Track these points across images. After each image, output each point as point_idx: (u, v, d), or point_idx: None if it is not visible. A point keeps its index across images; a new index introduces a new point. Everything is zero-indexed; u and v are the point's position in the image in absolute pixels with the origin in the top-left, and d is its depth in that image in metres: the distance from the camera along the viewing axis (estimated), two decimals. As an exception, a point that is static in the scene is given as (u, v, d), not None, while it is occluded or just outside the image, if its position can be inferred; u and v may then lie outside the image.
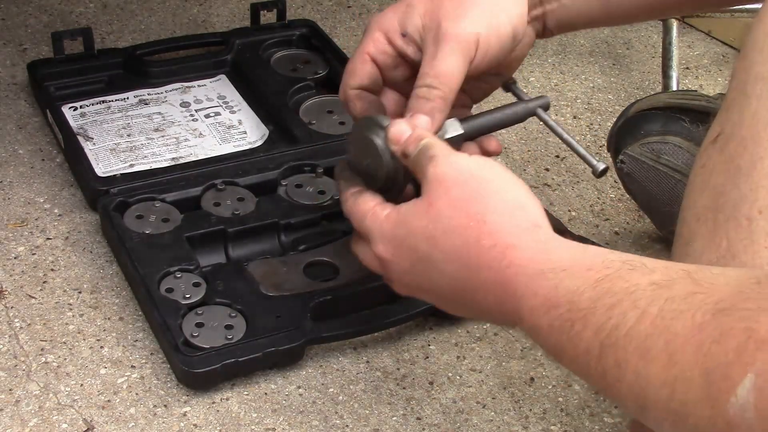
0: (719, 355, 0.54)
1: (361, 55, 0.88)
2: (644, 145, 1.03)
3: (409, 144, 0.78)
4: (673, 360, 0.57)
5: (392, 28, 0.87)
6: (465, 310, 0.76)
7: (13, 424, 0.86)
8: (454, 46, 0.84)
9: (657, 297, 0.59)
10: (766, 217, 0.68)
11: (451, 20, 0.84)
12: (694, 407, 0.56)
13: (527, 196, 0.73)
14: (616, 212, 1.15)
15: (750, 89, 0.71)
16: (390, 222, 0.75)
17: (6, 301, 0.97)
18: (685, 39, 1.48)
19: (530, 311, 0.66)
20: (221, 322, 0.92)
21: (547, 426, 0.89)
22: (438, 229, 0.72)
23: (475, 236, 0.70)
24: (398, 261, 0.75)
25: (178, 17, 1.42)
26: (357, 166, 0.82)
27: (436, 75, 0.83)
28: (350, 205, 0.80)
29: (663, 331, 0.57)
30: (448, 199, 0.72)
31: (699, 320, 0.56)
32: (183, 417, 0.87)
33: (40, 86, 1.19)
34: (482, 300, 0.70)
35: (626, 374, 0.59)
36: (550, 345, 0.65)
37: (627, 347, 0.59)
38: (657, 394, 0.58)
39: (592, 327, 0.61)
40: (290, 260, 1.00)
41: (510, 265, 0.68)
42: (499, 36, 0.85)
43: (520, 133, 1.26)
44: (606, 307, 0.61)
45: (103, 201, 1.03)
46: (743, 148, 0.70)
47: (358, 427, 0.88)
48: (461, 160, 0.74)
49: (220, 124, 1.17)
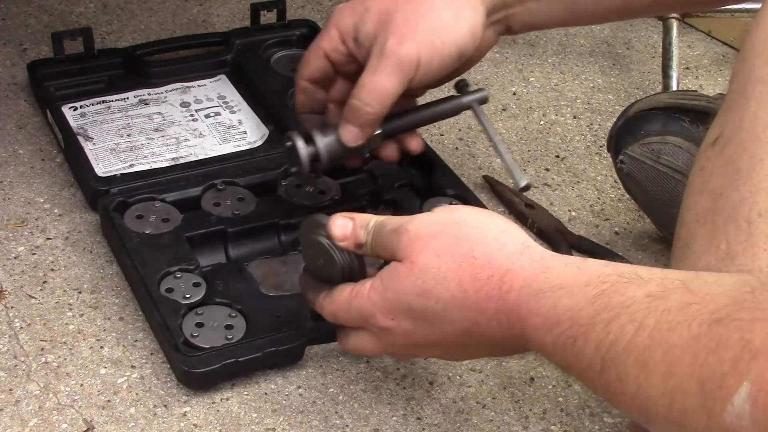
0: (715, 365, 0.55)
1: (316, 50, 0.94)
2: (644, 145, 1.03)
3: (357, 234, 0.78)
4: (671, 371, 0.57)
5: (346, 30, 0.91)
6: (475, 352, 0.77)
7: (13, 424, 0.86)
8: (394, 66, 0.87)
9: (653, 309, 0.59)
10: (765, 219, 0.68)
11: (396, 39, 0.87)
12: (691, 417, 0.57)
13: (504, 220, 0.74)
14: (616, 212, 1.15)
15: (750, 92, 0.71)
16: (376, 291, 0.75)
17: (6, 301, 0.97)
18: (685, 39, 1.48)
19: (533, 330, 0.67)
20: (221, 322, 0.92)
21: (547, 426, 0.89)
22: (428, 282, 0.72)
23: (469, 275, 0.71)
24: (399, 323, 0.75)
25: (178, 17, 1.42)
26: (314, 269, 0.82)
27: (372, 91, 0.88)
28: (328, 306, 0.80)
29: (661, 343, 0.58)
30: (430, 251, 0.72)
31: (695, 331, 0.57)
32: (183, 417, 0.87)
33: (40, 86, 1.19)
34: (489, 333, 0.71)
35: (628, 387, 0.60)
36: (557, 361, 0.67)
37: (627, 360, 0.60)
38: (657, 405, 0.58)
39: (593, 342, 0.62)
40: (290, 260, 1.00)
41: (510, 290, 0.69)
42: (442, 57, 0.88)
43: (520, 133, 1.26)
44: (604, 323, 0.62)
45: (103, 201, 1.03)
46: (743, 150, 0.70)
47: (358, 427, 0.88)
48: (426, 217, 0.75)
49: (220, 124, 1.17)
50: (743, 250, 0.68)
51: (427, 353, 0.80)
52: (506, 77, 1.37)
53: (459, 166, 1.19)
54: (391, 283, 0.74)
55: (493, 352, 0.77)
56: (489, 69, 1.37)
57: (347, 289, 0.78)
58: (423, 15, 0.88)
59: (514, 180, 0.92)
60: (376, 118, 0.90)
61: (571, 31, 1.47)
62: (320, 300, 0.81)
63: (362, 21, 0.90)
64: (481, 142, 1.24)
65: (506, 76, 1.37)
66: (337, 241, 0.79)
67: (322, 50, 0.93)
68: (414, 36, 0.87)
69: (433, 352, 0.79)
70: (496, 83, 1.35)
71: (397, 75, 0.87)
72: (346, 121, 0.90)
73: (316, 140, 0.94)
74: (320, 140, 0.93)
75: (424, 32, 0.87)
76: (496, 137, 0.94)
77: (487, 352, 0.77)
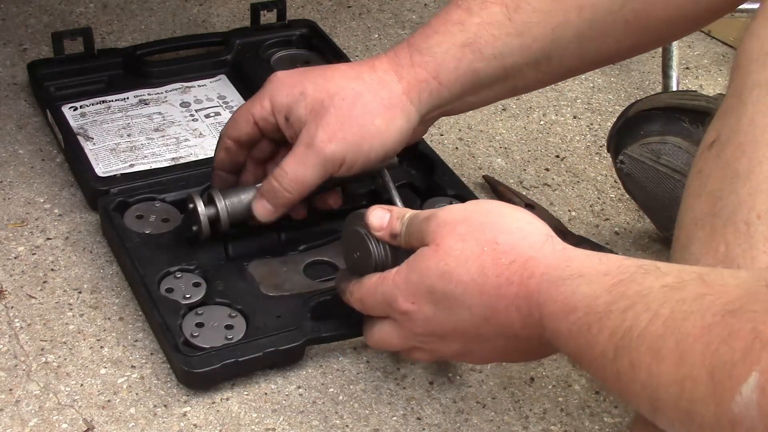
0: (726, 355, 0.55)
1: (246, 114, 0.94)
2: (644, 145, 1.03)
3: (393, 225, 0.81)
4: (682, 359, 0.58)
5: (280, 107, 0.92)
6: (494, 349, 0.77)
7: (13, 424, 0.86)
8: (319, 161, 0.90)
9: (668, 299, 0.60)
10: (764, 221, 0.68)
11: (325, 136, 0.89)
12: (700, 405, 0.57)
13: (530, 215, 0.76)
14: (616, 212, 1.15)
15: (746, 96, 0.71)
16: (401, 274, 0.78)
17: (6, 301, 0.97)
18: (685, 39, 1.47)
19: (550, 317, 0.68)
20: (221, 322, 0.92)
21: (547, 426, 0.89)
22: (450, 264, 0.74)
23: (491, 259, 0.73)
24: (420, 307, 0.77)
25: (178, 17, 1.42)
26: (352, 265, 0.86)
27: (293, 180, 0.91)
28: (356, 292, 0.83)
29: (674, 332, 0.59)
30: (455, 235, 0.75)
31: (708, 321, 0.57)
32: (183, 417, 0.87)
33: (40, 86, 1.19)
34: (508, 321, 0.72)
35: (640, 374, 0.61)
36: (570, 349, 0.67)
37: (640, 348, 0.60)
38: (667, 393, 0.59)
39: (608, 330, 0.63)
40: (290, 260, 1.00)
41: (532, 276, 0.70)
42: (367, 159, 0.91)
43: (520, 133, 1.26)
44: (620, 311, 0.62)
45: (103, 201, 1.03)
46: (741, 153, 0.70)
47: (358, 427, 0.88)
48: (457, 206, 0.79)
49: (221, 124, 1.17)
50: (742, 252, 0.68)
51: (448, 347, 0.80)
52: (506, 77, 1.36)
53: (459, 166, 1.19)
54: (416, 265, 0.77)
55: (511, 349, 0.77)
56: (489, 69, 1.37)
57: (376, 275, 0.81)
58: (356, 118, 0.90)
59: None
60: (292, 203, 0.93)
61: (571, 31, 1.47)
62: (350, 286, 0.83)
63: (296, 104, 0.91)
64: (481, 142, 1.24)
65: (506, 76, 1.37)
66: (374, 230, 0.82)
67: (252, 116, 0.93)
68: (344, 137, 0.90)
69: (453, 346, 0.79)
70: (496, 83, 1.35)
71: (319, 169, 0.90)
72: (261, 196, 0.93)
73: (218, 203, 0.95)
74: (221, 203, 0.95)
75: (354, 135, 0.90)
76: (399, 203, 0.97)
77: (506, 349, 0.77)
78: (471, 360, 0.83)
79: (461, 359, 0.84)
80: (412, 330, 0.79)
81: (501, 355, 0.80)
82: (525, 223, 0.75)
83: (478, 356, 0.80)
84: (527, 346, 0.75)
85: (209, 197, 0.96)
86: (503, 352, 0.78)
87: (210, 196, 0.96)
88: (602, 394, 0.93)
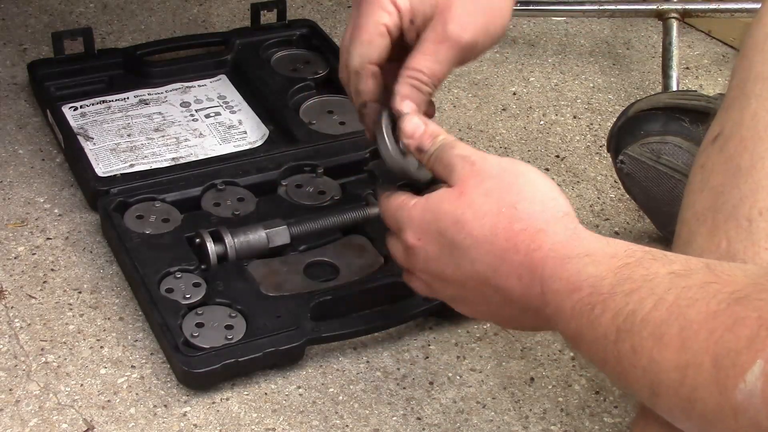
0: (730, 342, 0.55)
1: (376, 26, 0.85)
2: (644, 145, 1.03)
3: (424, 140, 0.80)
4: (685, 345, 0.58)
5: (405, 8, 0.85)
6: (488, 309, 0.77)
7: (13, 424, 0.86)
8: (454, 53, 0.85)
9: (674, 285, 0.60)
10: (766, 218, 0.68)
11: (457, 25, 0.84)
12: (703, 392, 0.57)
13: (557, 190, 0.75)
14: (616, 212, 1.15)
15: (750, 89, 0.71)
16: (418, 209, 0.77)
17: (6, 301, 0.97)
18: (685, 39, 1.48)
19: (554, 294, 0.68)
20: (221, 323, 0.92)
21: (547, 426, 0.89)
22: (467, 214, 0.74)
23: (506, 222, 0.72)
24: (425, 246, 0.77)
25: (178, 17, 1.42)
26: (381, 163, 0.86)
27: (432, 75, 0.84)
28: (383, 204, 0.82)
29: (678, 317, 0.59)
30: (481, 189, 0.74)
31: (714, 308, 0.57)
32: (183, 417, 0.87)
33: (40, 86, 1.19)
34: (508, 286, 0.72)
35: (641, 359, 0.61)
36: (571, 329, 0.67)
37: (642, 332, 0.60)
38: (669, 378, 0.59)
39: (611, 311, 0.63)
40: (290, 260, 1.00)
41: (538, 249, 0.70)
42: (493, 40, 0.87)
43: (520, 133, 1.26)
44: (625, 293, 0.62)
45: (103, 201, 1.03)
46: (743, 148, 0.70)
47: (358, 427, 0.88)
48: (493, 158, 0.77)
49: (221, 124, 1.17)
50: (744, 248, 0.68)
51: (444, 290, 0.79)
52: (506, 77, 1.37)
53: (459, 166, 1.19)
54: (434, 204, 0.76)
55: (506, 313, 0.76)
56: (489, 69, 1.37)
57: (402, 196, 0.80)
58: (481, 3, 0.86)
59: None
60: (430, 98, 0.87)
61: (571, 31, 1.47)
62: (382, 197, 0.83)
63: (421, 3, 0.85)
64: (481, 142, 1.24)
65: (506, 76, 1.37)
66: (405, 136, 0.81)
67: (384, 27, 0.85)
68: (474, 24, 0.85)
69: (448, 290, 0.79)
70: (496, 83, 1.35)
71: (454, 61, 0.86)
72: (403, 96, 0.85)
73: (226, 240, 0.97)
74: (229, 240, 0.97)
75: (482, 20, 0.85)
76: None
77: (500, 310, 0.76)
78: (464, 309, 0.81)
79: (454, 305, 0.81)
80: (412, 263, 0.79)
81: (494, 316, 0.78)
82: (549, 197, 0.74)
83: (471, 308, 0.79)
84: (522, 316, 0.74)
85: (216, 234, 0.98)
86: (497, 314, 0.77)
87: (217, 233, 0.98)
88: (602, 394, 0.93)
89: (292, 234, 1.00)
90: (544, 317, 0.70)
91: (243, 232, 0.99)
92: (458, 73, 1.35)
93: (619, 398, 0.92)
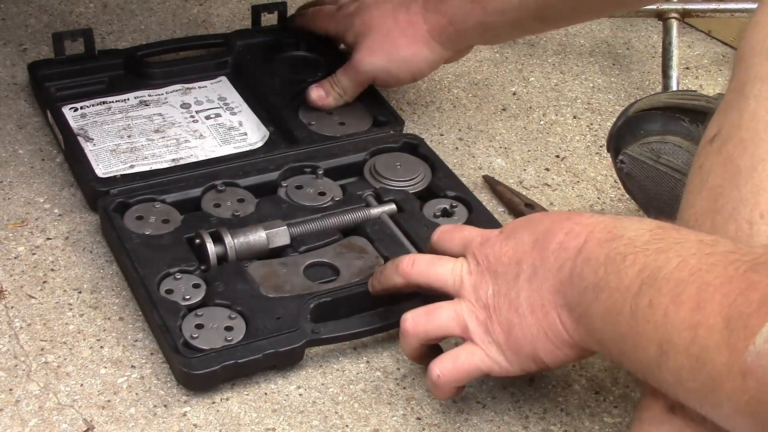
0: (743, 305, 0.58)
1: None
2: (644, 145, 1.03)
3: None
4: (700, 306, 0.60)
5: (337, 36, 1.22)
6: (516, 288, 0.79)
7: (13, 424, 0.86)
8: (355, 76, 1.16)
9: (699, 251, 0.64)
10: (767, 221, 0.68)
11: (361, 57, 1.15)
12: (713, 352, 0.59)
13: None
14: (616, 212, 1.15)
15: (748, 90, 0.71)
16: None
17: (6, 301, 0.97)
18: (685, 39, 1.48)
19: (595, 243, 0.72)
20: (221, 324, 0.92)
21: (547, 426, 0.89)
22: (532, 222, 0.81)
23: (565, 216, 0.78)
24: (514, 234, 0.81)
25: (178, 18, 1.42)
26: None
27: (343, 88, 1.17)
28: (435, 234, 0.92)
29: (697, 279, 0.62)
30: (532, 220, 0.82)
31: (731, 273, 0.60)
32: (183, 417, 0.88)
33: (40, 86, 1.19)
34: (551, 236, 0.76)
35: (655, 314, 0.63)
36: (597, 276, 0.70)
37: (662, 289, 0.63)
38: (680, 337, 0.61)
39: (639, 265, 0.66)
40: (290, 261, 1.00)
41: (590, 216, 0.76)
42: (398, 78, 1.16)
43: (520, 133, 1.26)
44: (655, 251, 0.66)
45: (103, 202, 1.03)
46: (743, 149, 0.70)
47: (358, 427, 0.88)
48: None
49: (221, 126, 1.17)
50: None
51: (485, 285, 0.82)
52: (506, 77, 1.37)
53: (459, 166, 1.19)
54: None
55: (524, 297, 0.78)
56: (489, 69, 1.37)
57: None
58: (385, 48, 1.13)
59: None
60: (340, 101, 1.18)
61: (571, 31, 1.47)
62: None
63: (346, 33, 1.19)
64: (481, 142, 1.24)
65: (506, 76, 1.37)
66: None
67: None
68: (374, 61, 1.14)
69: (489, 286, 0.82)
70: (496, 83, 1.35)
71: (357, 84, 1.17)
72: (319, 87, 1.18)
73: (226, 241, 0.98)
74: (228, 241, 0.98)
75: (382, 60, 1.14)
76: (408, 243, 1.02)
77: (520, 298, 0.78)
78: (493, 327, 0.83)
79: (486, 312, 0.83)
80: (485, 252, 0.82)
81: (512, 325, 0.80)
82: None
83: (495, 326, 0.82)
84: (538, 293, 0.76)
85: (217, 235, 0.98)
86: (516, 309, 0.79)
87: (218, 234, 0.98)
88: (602, 394, 0.93)
89: (292, 235, 1.01)
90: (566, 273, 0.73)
91: (243, 233, 0.99)
92: (458, 73, 1.35)
93: (619, 398, 0.92)
